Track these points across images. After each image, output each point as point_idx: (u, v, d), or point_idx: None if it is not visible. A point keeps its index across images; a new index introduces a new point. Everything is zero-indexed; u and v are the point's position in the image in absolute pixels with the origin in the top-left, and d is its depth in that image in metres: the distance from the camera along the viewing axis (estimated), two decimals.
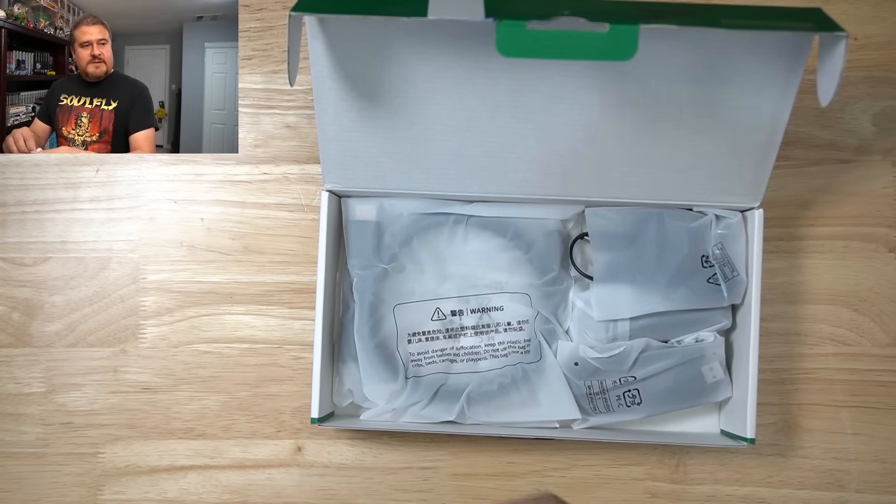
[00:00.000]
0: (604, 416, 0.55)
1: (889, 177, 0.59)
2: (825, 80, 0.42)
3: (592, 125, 0.49)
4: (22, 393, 0.58)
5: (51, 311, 0.59)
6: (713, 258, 0.54)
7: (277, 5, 0.60)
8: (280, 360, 0.58)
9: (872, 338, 0.58)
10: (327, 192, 0.53)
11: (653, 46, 0.45)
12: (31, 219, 0.59)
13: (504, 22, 0.39)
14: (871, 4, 0.60)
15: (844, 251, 0.59)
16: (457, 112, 0.49)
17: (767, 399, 0.58)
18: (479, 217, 0.55)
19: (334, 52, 0.46)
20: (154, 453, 0.58)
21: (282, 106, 0.60)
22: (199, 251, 0.59)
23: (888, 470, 0.58)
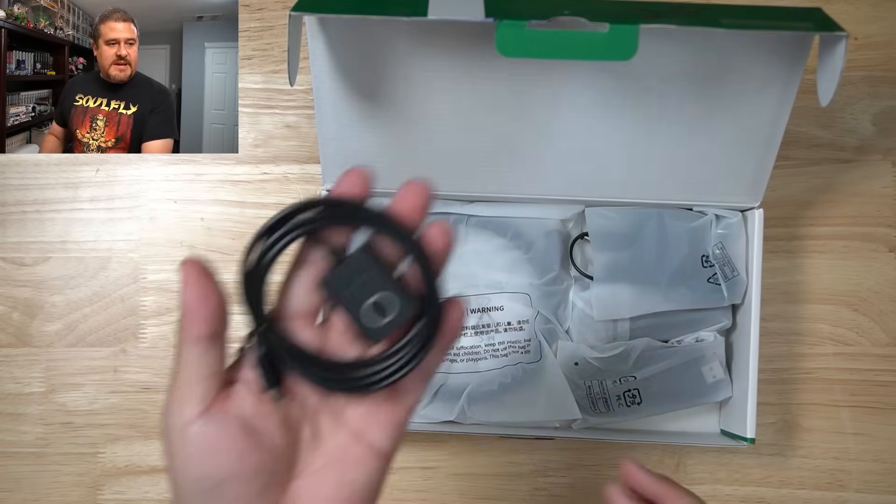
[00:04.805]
0: (604, 416, 0.55)
1: (889, 177, 0.59)
2: (825, 80, 0.42)
3: (592, 125, 0.49)
4: (22, 393, 0.58)
5: (51, 310, 0.59)
6: (713, 258, 0.54)
7: (277, 5, 0.60)
8: None
9: (872, 338, 0.58)
10: (327, 192, 0.53)
11: (653, 46, 0.45)
12: (31, 219, 0.59)
13: (504, 22, 0.39)
14: (871, 4, 0.60)
15: (844, 251, 0.59)
16: (457, 112, 0.49)
17: (767, 399, 0.57)
18: (479, 217, 0.55)
19: (334, 52, 0.46)
20: (154, 453, 0.58)
21: (282, 106, 0.60)
22: (200, 251, 0.59)
23: (888, 470, 0.58)
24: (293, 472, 0.30)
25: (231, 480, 0.28)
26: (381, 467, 0.30)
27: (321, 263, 0.29)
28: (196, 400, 0.28)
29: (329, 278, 0.29)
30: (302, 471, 0.30)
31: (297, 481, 0.30)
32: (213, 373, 0.28)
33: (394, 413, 0.30)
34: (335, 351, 0.30)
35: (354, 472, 0.30)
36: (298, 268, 0.30)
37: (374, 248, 0.28)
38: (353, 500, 0.30)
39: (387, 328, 0.28)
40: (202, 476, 0.28)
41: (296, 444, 0.30)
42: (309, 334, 0.30)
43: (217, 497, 0.28)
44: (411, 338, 0.29)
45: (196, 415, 0.28)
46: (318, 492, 0.29)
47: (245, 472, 0.28)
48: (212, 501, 0.28)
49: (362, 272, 0.28)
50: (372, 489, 0.30)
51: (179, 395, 0.28)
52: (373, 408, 0.30)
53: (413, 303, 0.28)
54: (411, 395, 0.31)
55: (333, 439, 0.30)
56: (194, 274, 0.27)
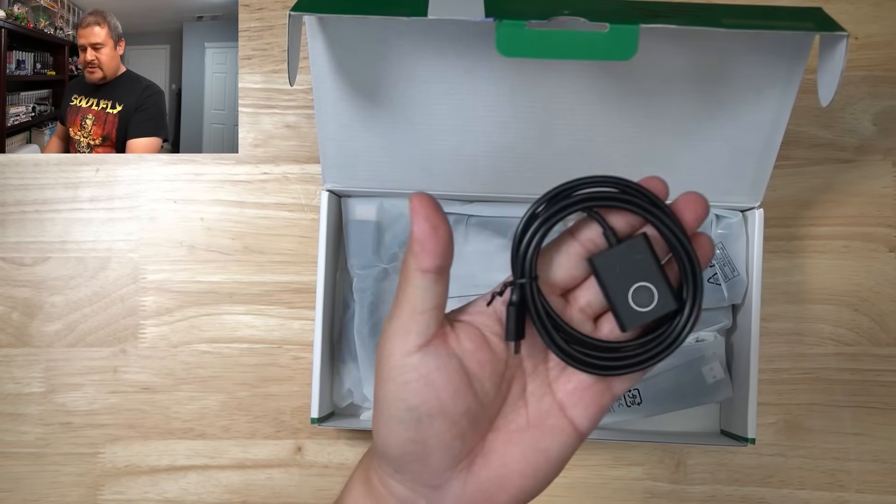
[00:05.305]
0: (604, 416, 0.54)
1: (889, 176, 0.59)
2: (825, 80, 0.42)
3: (592, 125, 0.49)
4: (22, 393, 0.58)
5: (50, 310, 0.59)
6: (713, 258, 0.54)
7: (277, 5, 0.60)
8: (280, 359, 0.58)
9: (872, 338, 0.58)
10: (327, 192, 0.53)
11: (653, 46, 0.45)
12: (31, 219, 0.59)
13: (504, 22, 0.39)
14: (872, 4, 0.60)
15: (845, 251, 0.59)
16: (457, 112, 0.49)
17: (767, 399, 0.57)
18: (479, 217, 0.55)
19: (334, 52, 0.46)
20: (154, 453, 0.58)
21: (282, 106, 0.60)
22: (199, 251, 0.59)
23: (888, 470, 0.58)
24: (494, 423, 0.31)
25: (440, 416, 0.28)
26: (574, 443, 0.31)
27: (596, 241, 0.30)
28: (418, 330, 0.28)
29: (599, 256, 0.30)
30: (502, 425, 0.31)
31: (495, 434, 0.30)
32: (437, 305, 0.29)
33: (601, 396, 0.31)
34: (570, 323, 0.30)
35: (551, 440, 0.30)
36: (571, 238, 0.31)
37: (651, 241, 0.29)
38: (540, 468, 0.30)
39: (643, 317, 0.29)
40: (414, 406, 0.28)
41: (504, 397, 0.31)
42: (555, 300, 0.31)
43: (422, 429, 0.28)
44: (662, 334, 0.30)
45: (417, 346, 0.28)
46: (513, 450, 0.30)
47: (454, 411, 0.29)
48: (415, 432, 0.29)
49: (634, 260, 0.29)
50: (560, 462, 0.31)
51: (402, 324, 0.29)
52: (583, 385, 0.31)
53: (673, 301, 0.29)
54: (623, 384, 0.31)
55: (539, 404, 0.31)
56: (425, 206, 0.28)
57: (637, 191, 0.29)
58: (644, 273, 0.29)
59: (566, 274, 0.31)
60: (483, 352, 0.30)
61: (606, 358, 0.30)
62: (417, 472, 0.30)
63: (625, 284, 0.29)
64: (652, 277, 0.29)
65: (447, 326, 0.30)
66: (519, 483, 0.30)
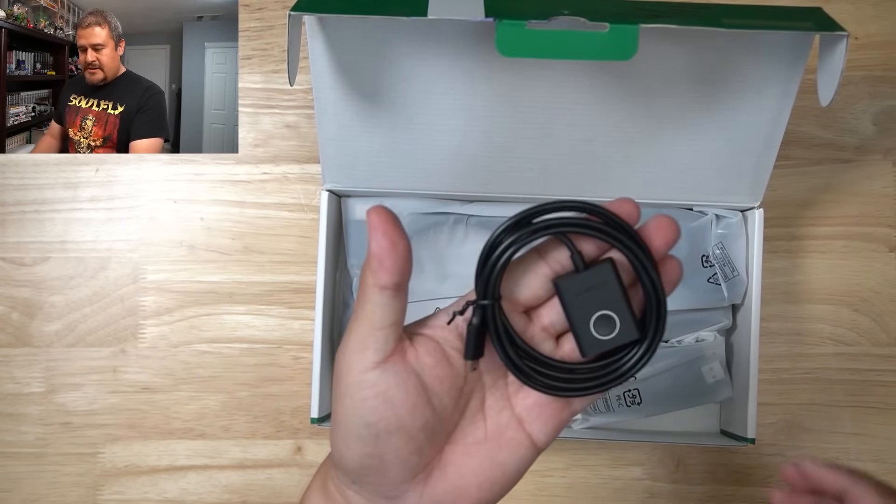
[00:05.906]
0: (604, 416, 0.55)
1: (889, 176, 0.59)
2: (825, 80, 0.42)
3: (592, 125, 0.49)
4: (21, 393, 0.58)
5: (50, 310, 0.59)
6: (713, 258, 0.54)
7: (277, 5, 0.60)
8: (280, 359, 0.58)
9: (872, 338, 0.58)
10: (327, 192, 0.53)
11: (653, 46, 0.45)
12: (31, 218, 0.59)
13: (504, 22, 0.39)
14: (872, 4, 0.60)
15: (845, 251, 0.59)
16: (457, 112, 0.49)
17: (767, 399, 0.57)
18: (479, 217, 0.55)
19: (334, 51, 0.46)
20: (154, 453, 0.58)
21: (282, 106, 0.60)
22: (199, 251, 0.59)
23: (888, 470, 0.58)
24: (452, 436, 0.31)
25: (397, 432, 0.28)
26: (530, 457, 0.31)
27: (563, 262, 0.30)
28: (377, 347, 0.28)
29: (564, 280, 0.30)
30: (459, 438, 0.31)
31: (452, 446, 0.31)
32: (395, 322, 0.28)
33: (560, 412, 0.31)
34: (530, 342, 0.31)
35: (507, 454, 0.30)
36: (539, 258, 0.30)
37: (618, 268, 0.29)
38: (497, 481, 0.30)
39: (603, 345, 0.29)
40: (371, 423, 0.28)
41: (462, 411, 0.31)
42: (517, 317, 0.31)
43: (379, 444, 0.28)
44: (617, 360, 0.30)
45: (375, 363, 0.28)
46: (470, 462, 0.30)
47: (412, 426, 0.29)
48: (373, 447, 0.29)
49: (600, 285, 0.29)
50: (516, 476, 0.31)
51: (361, 340, 0.28)
52: (543, 401, 0.31)
53: (635, 331, 0.29)
54: (582, 402, 0.31)
55: (497, 418, 0.31)
56: (383, 221, 0.27)
57: (605, 216, 0.29)
58: (608, 301, 0.29)
59: (531, 294, 0.30)
60: (442, 367, 0.29)
61: (563, 379, 0.30)
62: (374, 484, 0.30)
63: (588, 311, 0.29)
64: (615, 306, 0.29)
65: (406, 341, 0.29)
66: (475, 495, 0.30)
